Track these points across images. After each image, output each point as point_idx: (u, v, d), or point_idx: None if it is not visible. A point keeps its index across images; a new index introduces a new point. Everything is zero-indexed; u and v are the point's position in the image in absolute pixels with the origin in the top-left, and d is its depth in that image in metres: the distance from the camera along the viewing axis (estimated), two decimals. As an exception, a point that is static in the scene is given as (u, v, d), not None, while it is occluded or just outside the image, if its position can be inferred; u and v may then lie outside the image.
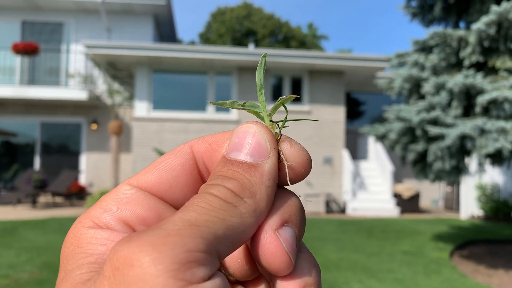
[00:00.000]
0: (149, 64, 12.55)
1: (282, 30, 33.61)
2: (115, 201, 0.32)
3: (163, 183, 0.33)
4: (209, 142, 0.35)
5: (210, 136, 0.36)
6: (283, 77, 13.12)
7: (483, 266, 6.35)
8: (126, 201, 0.32)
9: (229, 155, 0.32)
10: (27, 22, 14.49)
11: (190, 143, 0.35)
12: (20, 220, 9.22)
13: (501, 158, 5.94)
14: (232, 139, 0.33)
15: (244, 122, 0.34)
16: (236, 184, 0.30)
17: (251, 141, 0.32)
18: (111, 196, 0.33)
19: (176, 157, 0.34)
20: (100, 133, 14.11)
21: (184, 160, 0.34)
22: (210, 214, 0.27)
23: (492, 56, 6.19)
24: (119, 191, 0.33)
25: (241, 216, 0.29)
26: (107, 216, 0.31)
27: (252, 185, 0.31)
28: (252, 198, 0.30)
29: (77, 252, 0.30)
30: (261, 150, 0.32)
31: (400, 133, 6.47)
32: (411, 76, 6.62)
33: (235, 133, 0.33)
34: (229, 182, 0.30)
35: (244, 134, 0.33)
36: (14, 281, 4.85)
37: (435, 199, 14.96)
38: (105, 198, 0.33)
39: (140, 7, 14.25)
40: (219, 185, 0.30)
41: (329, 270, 5.66)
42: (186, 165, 0.34)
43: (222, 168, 0.32)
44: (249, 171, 0.31)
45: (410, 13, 7.62)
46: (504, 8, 5.61)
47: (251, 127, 0.33)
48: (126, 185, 0.33)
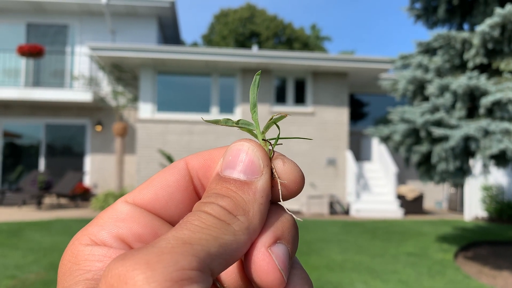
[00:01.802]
0: (153, 66, 12.60)
1: (286, 31, 33.65)
2: (112, 218, 0.33)
3: (159, 200, 0.34)
4: (204, 159, 0.36)
5: (205, 152, 0.36)
6: (287, 78, 13.15)
7: (488, 267, 6.35)
8: (123, 218, 0.33)
9: (223, 172, 0.33)
10: (32, 24, 14.57)
11: (186, 159, 0.36)
12: (25, 221, 9.27)
13: (505, 159, 5.95)
14: (226, 156, 0.34)
15: (237, 140, 0.35)
16: (229, 202, 0.31)
17: (244, 158, 0.33)
18: (108, 213, 0.33)
19: (171, 174, 0.35)
20: (104, 134, 14.16)
21: (180, 176, 0.35)
22: (204, 232, 0.28)
23: (496, 58, 6.20)
24: (116, 208, 0.33)
25: (234, 233, 0.29)
26: (104, 233, 0.32)
27: (245, 202, 0.31)
28: (245, 216, 0.30)
29: (74, 269, 0.31)
30: (254, 168, 0.33)
31: (404, 134, 6.48)
32: (415, 78, 6.64)
33: (229, 151, 0.34)
34: (223, 200, 0.31)
35: (237, 151, 0.33)
36: (21, 282, 4.88)
37: (439, 200, 14.94)
38: (102, 215, 0.33)
39: (144, 9, 14.31)
40: (212, 203, 0.30)
41: (333, 271, 5.67)
42: (181, 182, 0.35)
43: (216, 185, 0.32)
44: (242, 189, 0.32)
45: (414, 15, 7.64)
46: (508, 11, 5.62)
47: (244, 145, 0.34)
48: (123, 202, 0.34)
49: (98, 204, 11.43)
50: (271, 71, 12.95)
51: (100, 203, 11.41)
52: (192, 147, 12.54)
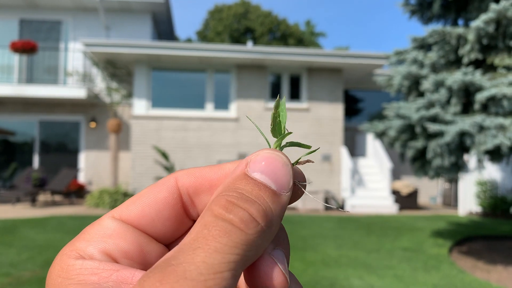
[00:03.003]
0: (147, 62, 12.55)
1: (280, 27, 33.61)
2: (98, 234, 0.32)
3: (145, 217, 0.34)
4: (195, 176, 0.35)
5: (196, 170, 0.36)
6: (282, 74, 13.14)
7: (482, 262, 6.40)
8: (109, 234, 0.32)
9: (252, 174, 0.32)
10: (25, 20, 14.45)
11: (176, 176, 0.35)
12: (20, 219, 9.23)
13: (500, 155, 5.98)
14: (257, 159, 0.32)
15: (268, 149, 0.33)
16: (259, 209, 0.30)
17: (279, 170, 0.32)
18: (95, 228, 0.33)
19: (160, 190, 0.34)
20: (99, 131, 14.10)
21: (168, 194, 0.34)
22: (232, 252, 0.27)
23: (491, 53, 6.22)
24: (102, 224, 0.33)
25: (257, 248, 0.29)
26: (91, 249, 0.31)
27: (273, 214, 0.30)
28: (269, 229, 0.30)
29: (66, 284, 0.30)
30: (287, 182, 0.32)
31: (400, 130, 6.50)
32: (410, 74, 6.65)
33: (262, 156, 0.32)
34: (253, 206, 0.29)
35: (273, 160, 0.32)
36: (16, 279, 4.86)
37: (433, 195, 15.03)
38: (89, 231, 0.33)
39: (139, 5, 14.23)
40: (240, 208, 0.29)
41: (329, 267, 5.69)
42: (169, 199, 0.34)
43: (245, 185, 0.31)
44: (272, 199, 0.31)
45: (409, 11, 7.64)
46: (503, 6, 5.63)
47: (282, 158, 0.33)
48: (109, 218, 0.34)
49: (93, 201, 11.40)
50: (266, 67, 12.94)
51: (95, 200, 11.38)
52: (187, 143, 12.51)
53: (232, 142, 12.64)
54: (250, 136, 12.69)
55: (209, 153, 12.56)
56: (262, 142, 12.68)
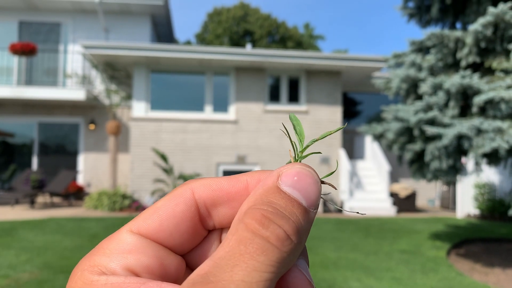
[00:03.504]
0: (147, 64, 12.57)
1: (279, 30, 33.66)
2: (118, 249, 0.32)
3: (163, 231, 0.33)
4: (213, 188, 0.35)
5: (212, 181, 0.35)
6: (281, 77, 13.16)
7: (480, 264, 6.41)
8: (129, 250, 0.32)
9: (284, 187, 0.31)
10: (24, 22, 14.47)
11: (192, 188, 0.35)
12: (18, 221, 9.22)
13: (498, 158, 6.00)
14: (290, 173, 0.32)
15: (299, 164, 0.33)
16: (293, 227, 0.29)
17: (311, 187, 0.32)
18: (113, 243, 0.33)
19: (177, 204, 0.34)
20: (98, 133, 14.11)
21: (186, 207, 0.34)
22: (269, 270, 0.27)
23: (489, 57, 6.25)
24: (121, 239, 0.33)
25: (289, 264, 0.29)
26: (113, 264, 0.31)
27: (304, 231, 0.30)
28: (300, 245, 0.30)
29: None
30: (316, 200, 0.32)
31: (398, 133, 6.52)
32: (408, 76, 6.68)
33: (294, 170, 0.32)
34: (288, 223, 0.29)
35: (305, 177, 0.32)
36: (14, 281, 4.86)
37: (431, 198, 15.05)
38: (107, 245, 0.33)
39: (138, 7, 14.26)
40: (276, 225, 0.29)
41: (327, 269, 5.70)
42: (187, 213, 0.34)
43: (279, 199, 0.31)
44: (303, 215, 0.31)
45: (407, 14, 7.68)
46: (500, 10, 5.67)
47: (313, 175, 0.33)
48: (128, 232, 0.33)
49: (92, 203, 11.39)
50: (265, 70, 12.97)
51: (94, 201, 11.38)
52: (186, 145, 12.53)
53: (231, 144, 12.66)
54: (249, 139, 12.71)
55: (208, 155, 12.57)
56: (261, 145, 12.71)
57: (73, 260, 5.86)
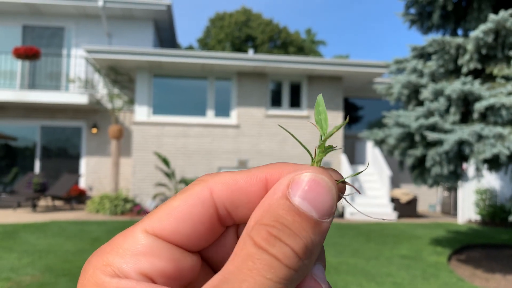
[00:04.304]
0: (149, 69, 12.63)
1: (281, 35, 33.75)
2: (132, 250, 0.31)
3: (180, 233, 0.32)
4: (232, 189, 0.33)
5: (230, 179, 0.34)
6: (282, 82, 13.21)
7: (481, 270, 6.42)
8: (145, 252, 0.31)
9: (293, 198, 0.29)
10: (28, 26, 14.56)
11: (210, 187, 0.33)
12: (20, 224, 9.25)
13: (498, 163, 6.02)
14: (300, 181, 0.30)
15: (312, 169, 0.31)
16: (301, 244, 0.28)
17: (323, 197, 0.30)
18: (127, 243, 0.31)
19: (194, 205, 0.32)
20: (100, 137, 14.16)
21: (204, 209, 0.32)
22: (276, 287, 0.27)
23: (490, 63, 6.28)
24: (135, 239, 0.31)
25: (299, 278, 0.29)
26: (126, 267, 0.30)
27: (314, 245, 0.29)
28: (310, 259, 0.29)
29: None
30: (329, 209, 0.30)
31: (399, 138, 6.55)
32: (409, 82, 6.71)
33: (305, 179, 0.30)
34: (295, 241, 0.28)
35: (316, 185, 0.30)
36: (16, 284, 4.89)
37: (432, 203, 15.04)
38: (121, 244, 0.31)
39: (141, 12, 14.34)
40: (283, 244, 0.28)
41: (328, 274, 5.71)
42: (205, 214, 0.33)
43: (286, 214, 0.29)
44: (314, 229, 0.29)
45: (409, 20, 7.72)
46: (501, 17, 5.71)
47: (326, 182, 0.31)
48: (142, 232, 0.32)
49: (93, 207, 11.42)
50: (267, 75, 13.01)
51: (95, 205, 11.40)
52: (188, 149, 12.56)
53: (233, 149, 12.69)
54: (250, 143, 12.74)
55: (209, 160, 12.60)
56: (263, 149, 12.74)
57: (75, 264, 5.89)
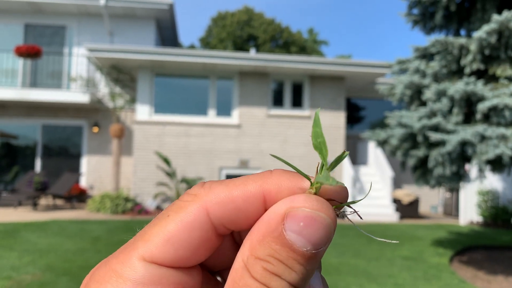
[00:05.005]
0: (151, 68, 12.61)
1: (283, 35, 33.73)
2: (133, 280, 0.30)
3: (180, 259, 0.31)
4: (228, 208, 0.31)
5: (225, 196, 0.32)
6: (284, 82, 13.19)
7: (483, 272, 6.39)
8: (147, 282, 0.30)
9: (288, 233, 0.29)
10: (30, 25, 14.55)
11: (206, 207, 0.31)
12: (21, 222, 9.24)
13: (501, 165, 5.99)
14: (296, 217, 0.29)
15: (309, 202, 0.30)
16: (295, 278, 0.29)
17: (320, 233, 0.29)
18: (127, 272, 0.30)
19: (192, 229, 0.31)
20: (101, 136, 14.15)
21: (203, 232, 0.31)
22: None
23: (493, 64, 6.25)
24: (134, 267, 0.30)
25: None
26: None
27: (309, 273, 0.30)
28: (306, 282, 0.30)
29: None
30: (325, 241, 0.30)
31: (401, 139, 6.52)
32: (412, 83, 6.68)
33: (301, 215, 0.29)
34: (290, 276, 0.29)
35: (313, 222, 0.29)
36: (17, 283, 4.88)
37: (434, 205, 15.01)
38: (120, 273, 0.30)
39: (143, 11, 14.32)
40: (279, 279, 0.28)
41: (330, 275, 5.69)
42: (204, 237, 0.31)
43: (280, 250, 0.29)
44: (309, 261, 0.29)
45: (412, 21, 7.69)
46: (505, 17, 5.68)
47: (323, 218, 0.30)
48: (140, 260, 0.30)
49: (94, 206, 11.41)
50: (269, 75, 12.99)
51: (96, 204, 11.39)
52: (189, 149, 12.54)
53: (234, 149, 12.67)
54: (251, 143, 12.72)
55: (210, 159, 12.59)
56: (263, 149, 12.72)
57: (75, 263, 5.87)
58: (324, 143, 0.33)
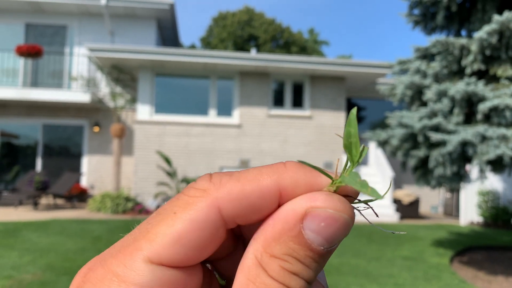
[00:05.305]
0: (152, 67, 12.62)
1: (283, 35, 33.73)
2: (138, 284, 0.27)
3: (190, 259, 0.29)
4: (242, 205, 0.29)
5: (238, 191, 0.30)
6: (285, 82, 13.19)
7: (483, 272, 6.39)
8: (150, 286, 0.28)
9: (308, 234, 0.28)
10: (30, 24, 14.56)
11: (218, 205, 0.29)
12: (22, 222, 9.25)
13: (502, 165, 5.99)
14: (317, 217, 0.28)
15: (332, 203, 0.29)
16: (312, 276, 0.29)
17: (339, 233, 0.29)
18: (131, 276, 0.28)
19: (203, 228, 0.29)
20: (102, 135, 14.15)
21: (214, 230, 0.29)
22: None
23: (494, 64, 6.25)
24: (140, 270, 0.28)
25: None
26: None
27: (321, 267, 0.30)
28: (314, 280, 0.30)
29: None
30: (342, 238, 0.30)
31: (402, 139, 6.52)
32: (413, 83, 6.69)
33: (323, 214, 0.29)
34: (308, 274, 0.29)
35: (334, 223, 0.29)
36: (17, 282, 4.88)
37: (435, 205, 15.00)
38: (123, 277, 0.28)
39: (143, 11, 14.33)
40: (297, 278, 0.28)
41: (330, 275, 5.69)
42: (215, 235, 0.29)
43: (299, 249, 0.28)
44: (324, 258, 0.30)
45: (413, 21, 7.69)
46: (506, 17, 5.68)
47: (345, 219, 0.29)
48: (146, 262, 0.28)
49: (95, 205, 11.41)
50: (269, 75, 12.99)
51: (97, 204, 11.40)
52: (189, 149, 12.55)
53: (234, 149, 12.68)
54: (252, 143, 12.73)
55: (211, 159, 12.59)
56: (264, 149, 12.72)
57: (76, 262, 5.88)
58: (356, 143, 0.32)
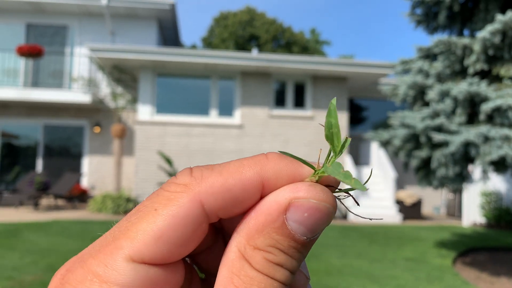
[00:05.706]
0: (153, 68, 12.60)
1: (285, 35, 33.72)
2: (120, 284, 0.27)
3: (173, 256, 0.28)
4: (225, 199, 0.29)
5: (220, 186, 0.29)
6: (286, 82, 13.16)
7: (486, 273, 6.35)
8: (131, 285, 0.27)
9: (291, 225, 0.28)
10: (31, 25, 14.55)
11: (200, 200, 0.29)
12: (22, 222, 9.23)
13: (505, 166, 5.96)
14: (300, 207, 0.28)
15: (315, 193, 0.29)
16: (296, 266, 0.29)
17: (321, 222, 0.29)
18: (113, 275, 0.27)
19: (185, 225, 0.28)
20: (102, 136, 14.13)
21: (197, 225, 0.29)
22: None
23: (497, 64, 6.21)
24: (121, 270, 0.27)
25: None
26: None
27: (303, 258, 0.30)
28: (298, 269, 0.30)
29: None
30: (324, 227, 0.30)
31: (404, 139, 6.49)
32: (415, 83, 6.65)
33: (305, 205, 0.28)
34: (291, 264, 0.29)
35: (317, 213, 0.29)
36: (18, 283, 4.86)
37: (437, 206, 14.96)
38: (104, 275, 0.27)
39: (144, 11, 14.31)
40: (281, 269, 0.29)
41: (332, 276, 5.66)
42: (197, 230, 0.29)
43: (282, 240, 0.28)
44: (307, 248, 0.30)
45: (415, 21, 7.66)
46: (509, 17, 5.64)
47: (327, 208, 0.29)
48: (127, 260, 0.27)
49: (96, 206, 11.39)
50: (271, 75, 12.97)
51: (98, 204, 11.38)
52: (190, 149, 12.53)
53: (235, 149, 12.65)
54: (253, 143, 12.70)
55: (212, 159, 12.57)
56: (265, 150, 12.68)
57: (76, 263, 5.85)
58: (337, 134, 0.32)
